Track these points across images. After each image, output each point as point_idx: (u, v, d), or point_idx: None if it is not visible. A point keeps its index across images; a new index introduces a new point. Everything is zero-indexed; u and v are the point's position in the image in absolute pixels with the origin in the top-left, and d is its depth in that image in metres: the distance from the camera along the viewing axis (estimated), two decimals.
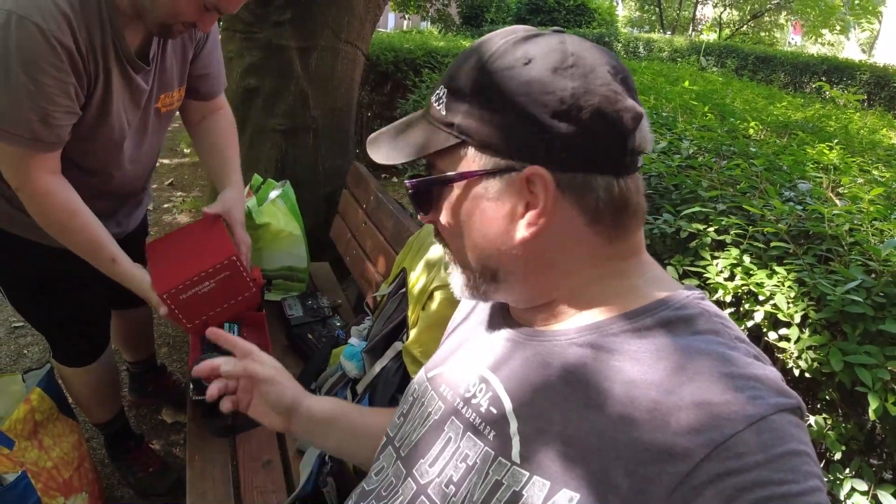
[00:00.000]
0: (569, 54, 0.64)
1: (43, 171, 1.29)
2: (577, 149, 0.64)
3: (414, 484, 0.75)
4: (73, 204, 1.35)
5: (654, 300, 0.68)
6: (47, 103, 1.20)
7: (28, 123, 1.20)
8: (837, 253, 1.09)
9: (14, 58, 1.14)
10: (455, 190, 0.70)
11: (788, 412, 0.56)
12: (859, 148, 2.20)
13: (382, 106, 5.07)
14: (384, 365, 1.39)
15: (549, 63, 0.64)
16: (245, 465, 1.45)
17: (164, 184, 4.69)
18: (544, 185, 0.65)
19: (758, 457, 0.52)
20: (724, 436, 0.54)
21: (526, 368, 0.71)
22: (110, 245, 1.42)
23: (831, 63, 9.77)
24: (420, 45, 5.11)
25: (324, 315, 2.13)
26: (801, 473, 0.53)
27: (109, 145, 1.44)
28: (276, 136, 2.86)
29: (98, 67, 1.28)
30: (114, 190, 1.57)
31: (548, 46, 0.65)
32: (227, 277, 1.47)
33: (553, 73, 0.63)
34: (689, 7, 17.70)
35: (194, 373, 1.03)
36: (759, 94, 3.94)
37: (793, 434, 0.55)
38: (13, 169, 1.28)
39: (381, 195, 2.18)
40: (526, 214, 0.67)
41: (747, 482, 0.52)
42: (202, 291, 1.45)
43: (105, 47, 1.27)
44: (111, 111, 1.36)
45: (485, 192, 0.68)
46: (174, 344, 2.76)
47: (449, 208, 0.71)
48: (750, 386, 0.57)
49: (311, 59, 2.81)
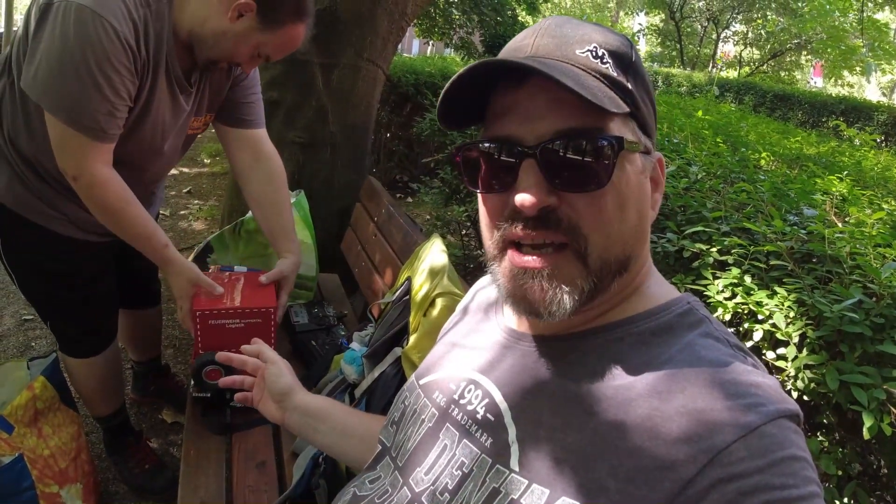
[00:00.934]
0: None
1: (101, 161, 1.35)
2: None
3: (409, 492, 0.74)
4: (128, 193, 1.42)
5: (658, 305, 0.69)
6: (114, 97, 1.28)
7: (97, 115, 1.28)
8: (838, 274, 1.09)
9: (90, 52, 1.22)
10: (628, 162, 0.64)
11: (787, 419, 0.57)
12: (870, 182, 2.20)
13: (400, 127, 5.14)
14: (383, 370, 1.40)
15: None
16: (239, 463, 1.45)
17: (182, 191, 4.78)
18: (663, 170, 0.70)
19: (759, 462, 0.53)
20: (726, 442, 0.54)
21: (524, 373, 0.71)
22: (161, 232, 1.51)
23: (849, 103, 9.79)
24: (441, 70, 5.21)
25: (329, 324, 2.14)
26: (800, 478, 0.53)
27: (136, 152, 1.50)
28: (294, 148, 2.91)
29: (148, 77, 1.36)
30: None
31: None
32: (257, 325, 1.55)
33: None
34: (709, 44, 17.89)
35: (218, 357, 1.08)
36: (774, 129, 3.95)
37: (792, 440, 0.55)
38: (76, 158, 1.33)
39: (392, 208, 2.21)
40: (654, 195, 0.69)
41: (749, 487, 0.52)
42: (229, 326, 1.53)
43: (157, 62, 1.36)
44: (147, 121, 1.44)
45: (642, 168, 0.67)
46: (180, 346, 2.79)
47: (624, 180, 0.63)
48: (750, 393, 0.57)
49: (332, 75, 2.88)
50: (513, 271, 0.65)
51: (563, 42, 0.64)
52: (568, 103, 0.60)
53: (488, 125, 0.68)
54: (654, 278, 0.73)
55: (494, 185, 0.66)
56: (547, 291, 0.62)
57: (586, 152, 0.60)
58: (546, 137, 0.61)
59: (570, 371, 0.67)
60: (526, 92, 0.63)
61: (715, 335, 0.65)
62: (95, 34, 1.21)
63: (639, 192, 0.66)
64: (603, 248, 0.63)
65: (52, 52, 1.22)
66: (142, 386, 2.34)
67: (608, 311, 0.69)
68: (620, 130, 0.63)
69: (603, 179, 0.61)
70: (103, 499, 1.89)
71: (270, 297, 1.61)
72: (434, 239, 1.58)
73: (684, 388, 0.59)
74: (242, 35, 1.36)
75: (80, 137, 1.29)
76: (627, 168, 0.63)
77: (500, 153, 0.64)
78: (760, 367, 0.64)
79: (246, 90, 1.69)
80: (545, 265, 0.62)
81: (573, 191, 0.62)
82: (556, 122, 0.61)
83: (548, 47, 0.64)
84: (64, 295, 1.65)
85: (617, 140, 0.61)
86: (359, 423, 1.03)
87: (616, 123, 0.63)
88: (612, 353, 0.66)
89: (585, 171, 0.61)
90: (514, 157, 0.63)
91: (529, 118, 0.62)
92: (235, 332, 1.52)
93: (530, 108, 0.63)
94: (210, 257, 2.24)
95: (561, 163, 0.61)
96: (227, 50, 1.38)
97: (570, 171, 0.61)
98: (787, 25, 14.13)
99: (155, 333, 2.26)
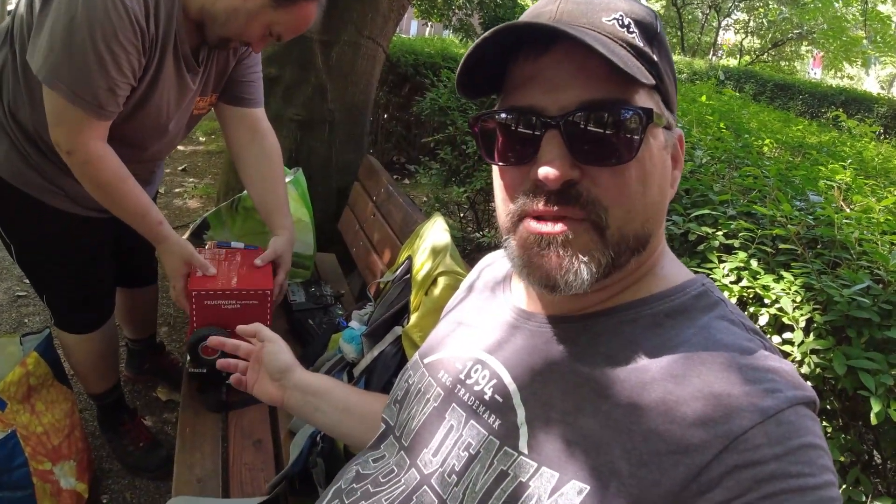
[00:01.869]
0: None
1: (97, 137, 1.33)
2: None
3: (417, 474, 0.72)
4: (123, 170, 1.39)
5: (672, 286, 0.67)
6: (117, 74, 1.26)
7: (98, 91, 1.25)
8: (845, 260, 1.08)
9: (97, 27, 1.19)
10: (652, 137, 0.62)
11: (804, 405, 0.56)
12: (872, 172, 2.19)
13: (399, 107, 5.09)
14: (382, 349, 1.39)
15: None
16: (235, 441, 1.44)
17: (177, 169, 4.72)
18: (683, 147, 0.69)
19: (776, 449, 0.52)
20: (742, 427, 0.53)
21: (534, 354, 0.69)
22: (156, 209, 1.49)
23: (849, 94, 9.78)
24: (440, 51, 5.14)
25: (326, 303, 2.13)
26: (816, 466, 0.52)
27: (139, 130, 1.48)
28: (292, 125, 2.88)
29: (155, 55, 1.34)
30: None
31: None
32: (253, 306, 1.53)
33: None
34: (710, 32, 17.78)
35: (210, 343, 1.06)
36: (776, 117, 3.93)
37: (808, 427, 0.54)
38: (72, 133, 1.31)
39: (392, 188, 2.19)
40: (674, 172, 0.68)
41: (765, 474, 0.51)
42: (225, 306, 1.51)
43: (166, 39, 1.34)
44: (152, 99, 1.41)
45: (665, 144, 0.65)
46: (174, 324, 2.77)
47: (649, 154, 0.61)
48: (768, 378, 0.56)
49: (332, 52, 2.83)
50: (528, 240, 0.62)
51: (589, 9, 0.61)
52: (595, 73, 0.58)
53: (507, 94, 0.65)
54: (668, 259, 0.71)
55: (512, 157, 0.64)
56: (563, 259, 0.60)
57: (613, 125, 0.58)
58: (570, 108, 0.59)
59: (582, 353, 0.66)
60: (550, 59, 0.60)
61: (730, 318, 0.64)
62: (104, 9, 1.18)
63: (661, 167, 0.64)
64: (623, 221, 0.61)
65: (58, 25, 1.19)
66: (137, 364, 2.32)
67: (621, 292, 0.68)
68: (646, 102, 0.61)
69: (630, 153, 0.59)
70: (97, 476, 1.88)
71: (267, 278, 1.59)
72: (436, 217, 1.56)
73: (700, 371, 0.58)
74: (255, 13, 1.33)
75: (78, 113, 1.27)
76: (652, 143, 0.62)
77: (520, 124, 0.62)
78: (776, 351, 0.63)
79: (248, 69, 1.66)
80: (562, 231, 0.60)
81: (598, 164, 0.59)
82: (582, 93, 0.59)
83: (573, 14, 0.61)
84: (61, 270, 1.63)
85: (646, 112, 0.59)
86: (360, 402, 1.01)
87: (641, 96, 0.61)
88: (626, 335, 0.64)
89: (612, 144, 0.58)
90: (535, 129, 0.60)
91: (553, 87, 0.60)
92: (231, 313, 1.51)
93: (555, 77, 0.60)
94: (206, 234, 2.22)
95: (586, 135, 0.58)
96: (238, 28, 1.36)
97: (596, 144, 0.58)
98: (788, 15, 14.05)
99: (151, 312, 2.24)
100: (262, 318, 1.54)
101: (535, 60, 0.61)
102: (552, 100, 0.60)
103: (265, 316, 1.54)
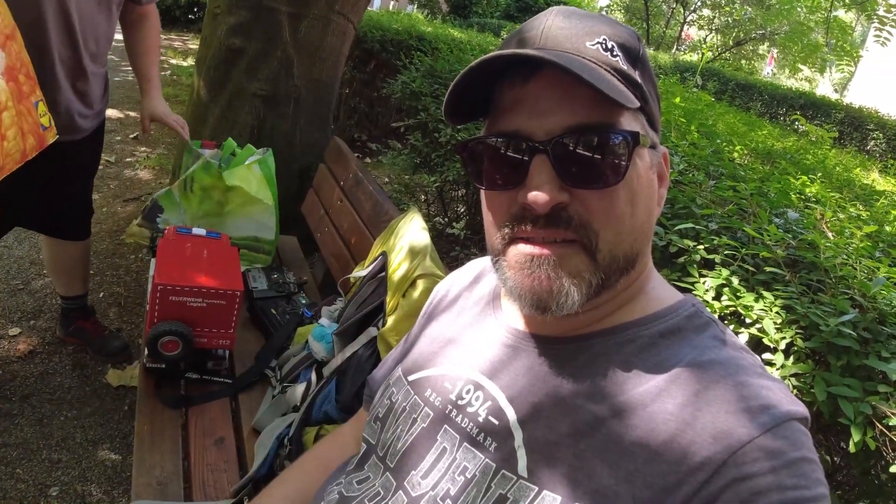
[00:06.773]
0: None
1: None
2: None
3: (405, 496, 0.70)
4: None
5: (665, 307, 0.68)
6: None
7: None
8: (825, 283, 1.10)
9: None
10: (639, 158, 0.63)
11: (798, 421, 0.57)
12: (837, 184, 2.26)
13: (363, 84, 4.95)
14: (355, 350, 1.34)
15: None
16: (196, 440, 1.38)
17: (128, 136, 4.48)
18: (668, 165, 0.70)
19: (773, 462, 0.54)
20: (741, 442, 0.55)
21: (531, 376, 0.68)
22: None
23: (808, 98, 10.08)
24: (407, 28, 5.00)
25: (289, 291, 2.06)
26: (811, 480, 0.54)
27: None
28: (255, 101, 2.75)
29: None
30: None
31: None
32: (220, 306, 1.46)
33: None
34: (675, 26, 18.01)
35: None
36: (740, 119, 4.01)
37: (803, 441, 0.56)
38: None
39: (361, 174, 2.12)
40: (660, 190, 0.68)
41: (762, 486, 0.53)
42: (191, 304, 1.44)
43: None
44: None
45: (651, 163, 0.65)
46: (125, 304, 2.64)
47: (636, 175, 0.62)
48: (762, 395, 0.58)
49: (301, 25, 2.71)
50: (518, 262, 0.62)
51: (573, 33, 0.62)
52: (580, 98, 0.59)
53: (494, 119, 0.65)
54: (657, 280, 0.73)
55: (500, 181, 0.64)
56: (554, 280, 0.61)
57: (601, 148, 0.59)
58: (557, 133, 0.60)
59: (580, 374, 0.65)
60: (535, 86, 0.61)
61: (722, 338, 0.65)
62: None
63: (648, 187, 0.65)
64: (614, 244, 0.62)
65: None
66: (65, 323, 2.29)
67: (614, 313, 0.68)
68: (631, 125, 0.62)
69: (618, 176, 0.60)
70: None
71: (236, 278, 1.52)
72: (413, 214, 1.51)
73: (697, 390, 0.59)
74: None
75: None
76: (638, 164, 0.63)
77: (507, 149, 0.62)
78: (765, 370, 0.64)
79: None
80: (552, 253, 0.61)
81: (587, 187, 0.60)
82: (567, 118, 0.60)
83: (557, 39, 0.62)
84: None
85: (632, 135, 0.60)
86: (317, 478, 0.88)
87: (627, 118, 0.61)
88: (622, 356, 0.65)
89: (600, 167, 0.59)
90: (523, 154, 0.61)
91: (540, 113, 0.61)
92: (196, 310, 1.44)
93: (540, 103, 0.61)
94: (160, 217, 2.10)
95: (574, 159, 0.59)
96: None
97: (584, 168, 0.59)
98: (753, 15, 14.36)
99: (80, 269, 2.21)
100: (228, 317, 1.47)
101: (522, 86, 0.62)
102: (539, 125, 0.60)
103: (230, 316, 1.47)
